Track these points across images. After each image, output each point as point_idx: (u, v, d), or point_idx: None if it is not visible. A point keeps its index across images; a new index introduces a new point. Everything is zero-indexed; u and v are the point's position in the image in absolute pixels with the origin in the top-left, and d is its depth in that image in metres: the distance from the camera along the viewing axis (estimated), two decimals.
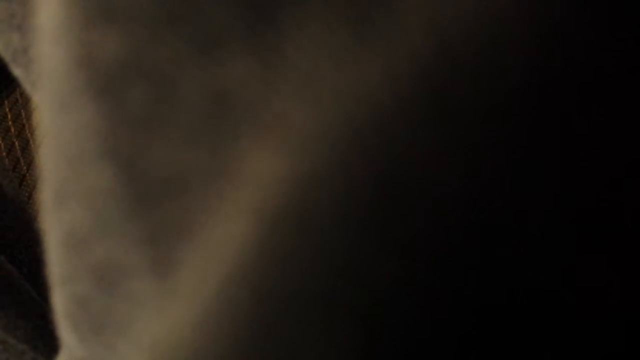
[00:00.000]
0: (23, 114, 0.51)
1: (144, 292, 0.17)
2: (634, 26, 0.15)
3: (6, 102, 0.51)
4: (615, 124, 0.15)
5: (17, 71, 0.26)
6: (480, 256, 0.15)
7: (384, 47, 0.15)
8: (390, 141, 0.15)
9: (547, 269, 0.15)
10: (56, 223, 0.18)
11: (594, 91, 0.15)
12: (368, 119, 0.15)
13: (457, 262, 0.15)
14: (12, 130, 0.50)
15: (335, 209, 0.15)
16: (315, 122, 0.15)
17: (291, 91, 0.15)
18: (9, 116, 0.51)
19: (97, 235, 0.17)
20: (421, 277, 0.15)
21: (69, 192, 0.18)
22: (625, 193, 0.15)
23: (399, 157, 0.15)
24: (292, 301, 0.15)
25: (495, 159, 0.15)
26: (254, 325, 0.15)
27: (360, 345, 0.15)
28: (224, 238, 0.16)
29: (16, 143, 0.50)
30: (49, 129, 0.18)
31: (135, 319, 0.17)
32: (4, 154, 0.49)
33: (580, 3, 0.15)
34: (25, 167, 0.49)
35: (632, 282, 0.15)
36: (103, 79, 0.17)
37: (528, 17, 0.15)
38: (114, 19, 0.17)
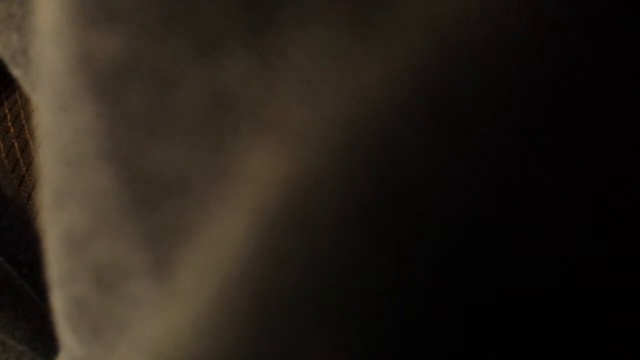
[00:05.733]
0: (22, 114, 0.51)
1: (143, 292, 0.17)
2: (633, 26, 0.15)
3: (5, 102, 0.51)
4: (615, 124, 0.15)
5: (16, 71, 0.26)
6: (479, 257, 0.15)
7: (383, 47, 0.15)
8: (390, 141, 0.15)
9: (547, 269, 0.15)
10: (56, 223, 0.18)
11: (593, 91, 0.15)
12: (367, 119, 0.15)
13: (456, 263, 0.15)
14: (12, 131, 0.50)
15: (334, 210, 0.15)
16: (315, 123, 0.15)
17: (291, 91, 0.15)
18: (8, 117, 0.51)
19: (97, 235, 0.17)
20: (420, 278, 0.15)
21: (69, 192, 0.18)
22: (626, 192, 0.15)
23: (398, 157, 0.15)
24: (290, 302, 0.15)
25: (495, 159, 0.15)
26: (253, 326, 0.15)
27: (358, 345, 0.15)
28: (223, 239, 0.16)
29: (15, 144, 0.50)
30: (48, 129, 0.18)
31: (135, 319, 0.17)
32: (4, 154, 0.49)
33: (580, 3, 0.15)
34: (24, 168, 0.49)
35: (632, 282, 0.15)
36: (102, 80, 0.17)
37: (527, 18, 0.15)
38: (114, 20, 0.17)
